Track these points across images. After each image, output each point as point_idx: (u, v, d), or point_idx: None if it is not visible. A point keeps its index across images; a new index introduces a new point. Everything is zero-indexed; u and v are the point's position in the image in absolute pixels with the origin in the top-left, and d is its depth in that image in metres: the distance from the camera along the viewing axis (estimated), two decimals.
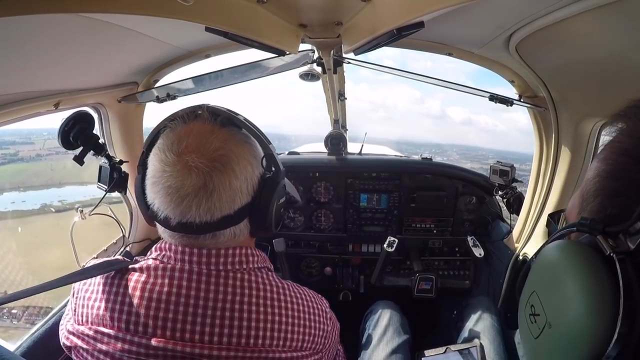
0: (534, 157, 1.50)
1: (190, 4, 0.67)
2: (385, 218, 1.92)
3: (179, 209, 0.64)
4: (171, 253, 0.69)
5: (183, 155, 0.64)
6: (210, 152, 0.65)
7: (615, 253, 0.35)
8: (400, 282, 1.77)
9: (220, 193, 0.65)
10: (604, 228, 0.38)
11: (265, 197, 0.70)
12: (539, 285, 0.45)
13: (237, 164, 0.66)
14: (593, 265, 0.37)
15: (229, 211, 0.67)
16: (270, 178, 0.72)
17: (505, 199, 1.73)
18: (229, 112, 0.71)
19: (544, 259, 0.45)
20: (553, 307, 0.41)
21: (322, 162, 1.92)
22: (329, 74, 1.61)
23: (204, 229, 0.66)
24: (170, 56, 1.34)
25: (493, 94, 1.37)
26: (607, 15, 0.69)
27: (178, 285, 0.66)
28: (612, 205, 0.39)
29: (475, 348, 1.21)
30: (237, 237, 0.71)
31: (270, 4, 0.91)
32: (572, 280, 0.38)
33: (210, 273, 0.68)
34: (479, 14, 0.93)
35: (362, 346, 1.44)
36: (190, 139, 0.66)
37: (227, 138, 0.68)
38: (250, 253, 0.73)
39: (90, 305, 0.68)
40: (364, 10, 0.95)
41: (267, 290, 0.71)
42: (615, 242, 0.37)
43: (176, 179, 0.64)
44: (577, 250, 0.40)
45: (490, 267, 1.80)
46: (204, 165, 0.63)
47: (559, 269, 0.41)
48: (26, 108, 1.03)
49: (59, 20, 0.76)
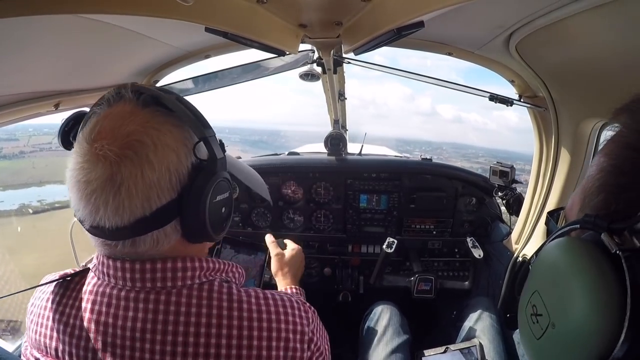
0: (534, 157, 1.50)
1: (190, 4, 0.67)
2: (385, 219, 1.92)
3: (88, 208, 0.54)
4: (99, 265, 0.60)
5: (94, 142, 0.53)
6: (123, 137, 0.53)
7: (622, 250, 0.34)
8: (400, 282, 1.77)
9: (129, 188, 0.52)
10: (609, 225, 0.36)
11: (195, 193, 0.56)
12: (541, 284, 0.43)
13: (153, 152, 0.54)
14: (598, 263, 0.35)
15: (143, 212, 0.53)
16: (203, 168, 0.58)
17: (504, 200, 1.73)
18: (155, 90, 0.60)
19: (546, 257, 0.43)
20: (556, 306, 0.39)
21: (322, 163, 1.92)
22: (329, 74, 1.61)
23: (117, 235, 0.55)
24: (170, 57, 1.33)
25: (493, 94, 1.37)
26: (607, 14, 0.69)
27: (106, 313, 0.57)
28: (617, 201, 0.38)
29: (474, 347, 1.21)
30: (162, 245, 0.57)
31: (270, 4, 0.91)
32: (577, 279, 0.37)
33: (137, 297, 0.57)
34: (479, 13, 0.93)
35: (362, 346, 1.44)
36: (105, 123, 0.55)
37: (147, 120, 0.56)
38: (183, 267, 0.59)
39: (42, 333, 0.62)
40: (364, 10, 0.95)
41: (209, 314, 0.58)
42: (620, 239, 0.35)
43: (85, 172, 0.53)
44: (581, 248, 0.38)
45: (489, 268, 1.80)
46: (114, 154, 0.52)
47: (563, 267, 0.39)
48: (26, 108, 1.03)
49: (59, 21, 0.75)
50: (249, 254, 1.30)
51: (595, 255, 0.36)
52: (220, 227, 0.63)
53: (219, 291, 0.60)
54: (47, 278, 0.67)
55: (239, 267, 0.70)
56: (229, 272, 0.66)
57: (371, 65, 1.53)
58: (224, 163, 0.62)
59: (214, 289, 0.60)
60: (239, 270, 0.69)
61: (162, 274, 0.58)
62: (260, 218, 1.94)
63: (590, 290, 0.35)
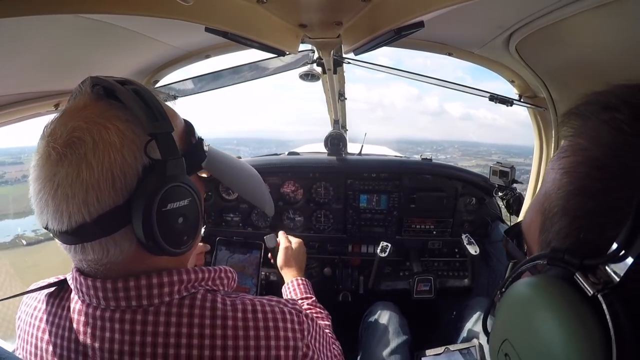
0: (534, 157, 1.50)
1: (190, 4, 0.67)
2: (385, 219, 1.92)
3: (36, 208, 0.51)
4: (73, 280, 0.57)
5: (46, 138, 0.51)
6: (67, 134, 0.49)
7: (600, 292, 0.30)
8: (398, 285, 1.77)
9: (65, 190, 0.48)
10: (581, 262, 0.32)
11: (139, 199, 0.49)
12: (513, 332, 0.38)
13: (92, 150, 0.48)
14: (577, 309, 0.31)
15: (82, 217, 0.49)
16: (153, 170, 0.51)
17: (505, 200, 1.73)
18: (109, 81, 0.54)
19: (515, 300, 0.38)
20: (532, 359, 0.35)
21: (322, 163, 1.92)
22: (329, 74, 1.61)
23: (63, 239, 0.52)
24: (170, 56, 1.34)
25: (493, 94, 1.37)
26: (607, 14, 0.69)
27: (84, 333, 0.54)
28: (587, 229, 0.33)
29: (474, 348, 1.21)
30: (114, 254, 0.52)
31: (270, 4, 0.91)
32: (555, 330, 0.32)
33: (113, 317, 0.53)
34: (479, 14, 0.93)
35: (362, 346, 1.44)
36: (60, 119, 0.52)
37: (96, 115, 0.51)
38: (159, 282, 0.54)
39: (29, 350, 0.60)
40: (364, 10, 0.95)
41: (190, 334, 0.54)
42: (595, 276, 0.31)
43: (35, 169, 0.51)
44: (554, 292, 0.33)
45: (489, 268, 1.80)
46: (56, 152, 0.48)
47: (536, 314, 0.34)
48: (26, 109, 1.03)
49: (59, 21, 0.76)
50: (244, 253, 1.30)
51: (570, 299, 0.32)
52: (177, 240, 0.54)
53: (202, 306, 0.55)
54: (32, 287, 0.64)
55: (229, 271, 0.64)
56: (216, 279, 0.61)
57: (371, 65, 1.54)
58: (181, 165, 0.54)
59: (195, 304, 0.55)
60: (229, 274, 0.64)
61: (136, 292, 0.53)
62: (260, 218, 1.94)
63: (572, 342, 0.30)
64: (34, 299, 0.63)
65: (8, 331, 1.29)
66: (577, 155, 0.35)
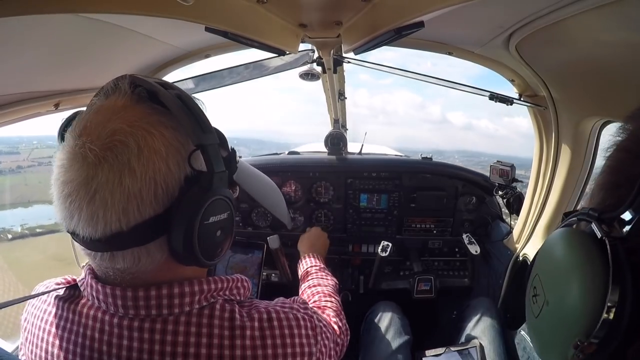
0: (534, 156, 1.50)
1: (190, 4, 0.67)
2: (385, 218, 1.92)
3: (63, 212, 0.48)
4: (87, 286, 0.55)
5: (79, 138, 0.47)
6: (106, 136, 0.46)
7: (608, 237, 0.37)
8: (399, 285, 1.77)
9: (104, 197, 0.46)
10: (599, 215, 0.40)
11: (183, 211, 0.48)
12: (541, 268, 0.47)
13: (137, 157, 0.46)
14: (586, 247, 0.39)
15: (119, 225, 0.47)
16: (197, 182, 0.50)
17: (505, 199, 1.72)
18: (153, 83, 0.51)
19: (546, 245, 0.48)
20: (551, 286, 0.43)
21: (322, 162, 1.92)
22: (329, 74, 1.61)
23: (92, 246, 0.49)
24: (170, 56, 1.33)
25: (493, 92, 1.37)
26: (607, 14, 0.69)
27: (99, 340, 0.53)
28: (612, 197, 0.41)
29: (475, 348, 1.21)
30: (144, 264, 0.51)
31: (270, 4, 0.91)
32: (567, 262, 0.41)
33: (131, 325, 0.52)
34: (479, 13, 0.93)
35: (363, 346, 1.44)
36: (93, 117, 0.49)
37: (138, 118, 0.48)
38: (181, 292, 0.53)
39: (38, 354, 0.58)
40: (364, 10, 0.95)
41: (210, 344, 0.53)
42: (609, 228, 0.38)
43: (64, 170, 0.48)
44: (573, 235, 0.43)
45: (490, 268, 1.79)
46: (93, 155, 0.45)
47: (557, 252, 0.44)
48: (26, 108, 1.03)
49: (59, 20, 0.75)
50: (245, 253, 1.30)
51: (585, 241, 0.40)
52: (213, 252, 0.54)
53: (220, 317, 0.55)
54: (38, 289, 0.62)
55: (245, 280, 0.63)
56: (233, 289, 0.60)
57: (371, 65, 1.53)
58: (225, 178, 0.53)
59: (214, 314, 0.55)
60: (244, 283, 0.63)
61: (157, 301, 0.52)
62: (260, 218, 1.94)
63: (577, 273, 0.38)
64: (43, 302, 0.60)
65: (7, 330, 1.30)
66: (617, 145, 0.43)
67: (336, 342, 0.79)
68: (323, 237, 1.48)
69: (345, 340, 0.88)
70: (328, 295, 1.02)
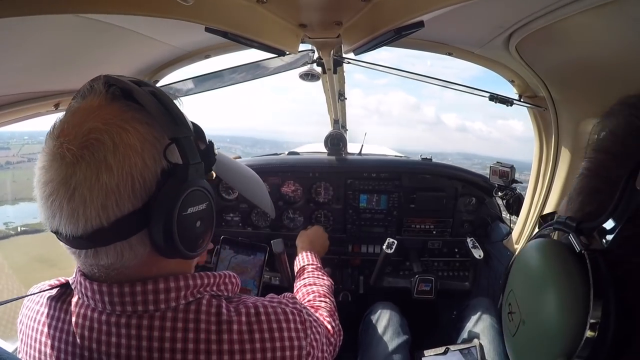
0: (533, 157, 1.50)
1: (190, 4, 0.67)
2: (385, 219, 1.92)
3: (46, 212, 0.49)
4: (77, 284, 0.56)
5: (57, 139, 0.49)
6: (83, 135, 0.48)
7: (587, 250, 0.34)
8: (400, 283, 1.77)
9: (83, 194, 0.47)
10: (577, 226, 0.37)
11: (160, 203, 0.49)
12: (515, 283, 0.44)
13: (112, 153, 0.48)
14: (564, 262, 0.36)
15: (100, 221, 0.48)
16: (173, 175, 0.51)
17: (504, 199, 1.73)
18: (126, 82, 0.53)
19: (521, 257, 0.45)
20: (526, 304, 0.40)
21: (322, 163, 1.92)
22: (329, 74, 1.61)
23: (75, 244, 0.50)
24: (170, 56, 1.34)
25: (493, 93, 1.37)
26: (607, 14, 0.69)
27: (89, 338, 0.54)
28: (591, 203, 0.38)
29: (474, 348, 1.21)
30: (128, 259, 0.52)
31: (270, 4, 0.91)
32: (543, 277, 0.38)
33: (119, 322, 0.53)
34: (479, 13, 0.93)
35: (361, 346, 1.44)
36: (70, 118, 0.50)
37: (113, 116, 0.50)
38: (166, 287, 0.54)
39: (33, 354, 0.59)
40: (364, 10, 0.95)
41: (197, 339, 0.53)
42: (589, 239, 0.35)
43: (44, 171, 0.49)
44: (550, 248, 0.40)
45: (489, 269, 1.79)
46: (71, 154, 0.47)
47: (532, 266, 0.41)
48: (26, 109, 1.03)
49: (59, 21, 0.76)
50: (248, 255, 1.30)
51: (562, 255, 0.37)
52: (194, 244, 0.55)
53: (207, 312, 0.55)
54: (33, 291, 0.63)
55: (233, 277, 0.64)
56: (221, 284, 0.61)
57: (371, 65, 1.53)
58: (201, 169, 0.54)
59: (201, 309, 0.55)
60: (233, 279, 0.63)
61: (142, 297, 0.52)
62: (260, 218, 1.94)
63: (556, 289, 0.36)
64: (36, 303, 0.61)
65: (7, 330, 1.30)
66: (595, 144, 0.40)
67: (329, 340, 0.78)
68: (323, 237, 1.49)
69: (339, 341, 0.87)
70: (323, 296, 1.02)
